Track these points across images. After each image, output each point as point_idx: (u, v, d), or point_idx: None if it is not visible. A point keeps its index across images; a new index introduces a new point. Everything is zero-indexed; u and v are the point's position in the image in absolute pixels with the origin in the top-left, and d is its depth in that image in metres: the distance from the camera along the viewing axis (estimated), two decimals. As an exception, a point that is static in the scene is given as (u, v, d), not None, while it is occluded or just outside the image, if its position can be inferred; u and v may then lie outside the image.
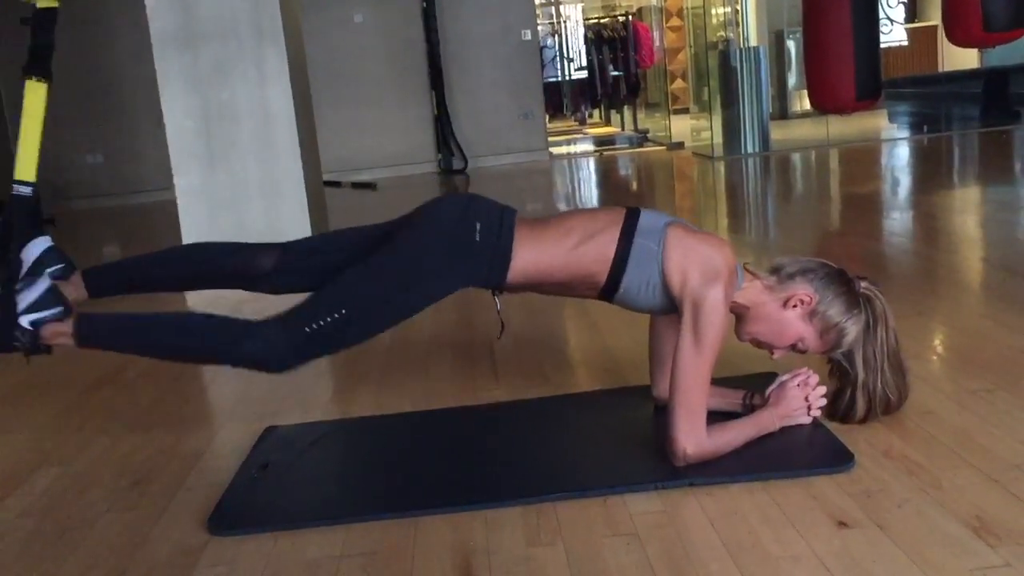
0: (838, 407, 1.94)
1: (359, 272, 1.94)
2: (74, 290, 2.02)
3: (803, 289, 1.88)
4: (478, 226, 1.91)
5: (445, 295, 1.97)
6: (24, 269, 1.93)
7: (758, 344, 1.96)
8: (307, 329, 1.89)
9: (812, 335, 1.90)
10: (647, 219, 1.90)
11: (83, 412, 2.55)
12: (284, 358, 1.92)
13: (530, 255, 1.91)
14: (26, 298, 1.87)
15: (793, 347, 1.93)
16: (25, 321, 1.86)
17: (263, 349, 1.90)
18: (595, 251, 1.88)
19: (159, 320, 2.02)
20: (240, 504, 1.85)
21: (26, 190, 1.85)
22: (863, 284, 1.91)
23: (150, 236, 6.95)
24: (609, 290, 1.91)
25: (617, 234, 1.88)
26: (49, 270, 1.94)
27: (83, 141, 8.94)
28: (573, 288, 1.95)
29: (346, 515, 1.77)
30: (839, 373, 1.94)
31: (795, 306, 1.88)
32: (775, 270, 1.94)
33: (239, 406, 2.54)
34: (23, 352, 1.91)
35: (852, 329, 1.87)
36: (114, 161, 9.08)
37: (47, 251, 1.95)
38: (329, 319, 1.89)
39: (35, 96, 1.84)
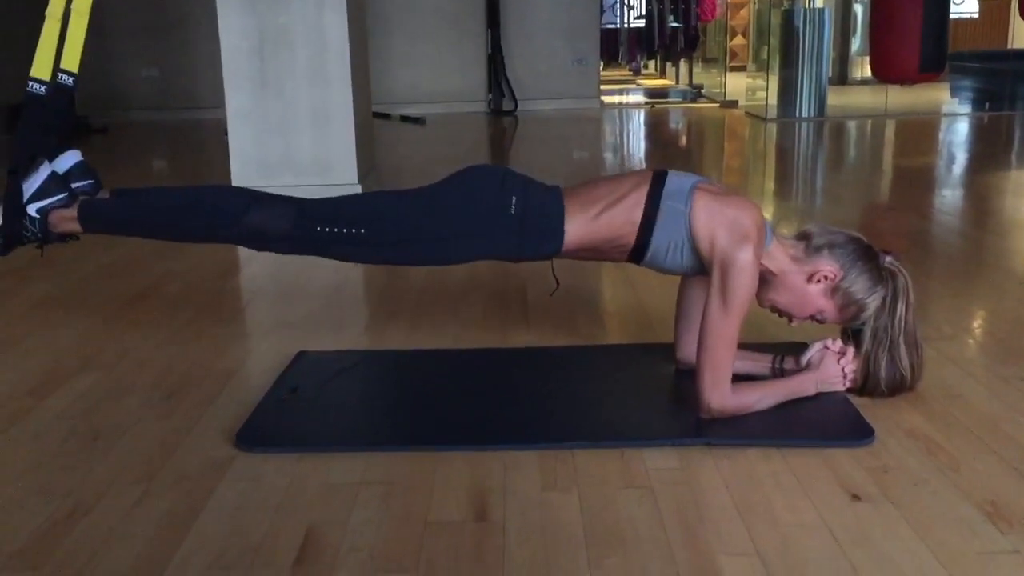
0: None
1: (393, 203, 1.96)
2: None
3: (828, 265, 1.89)
4: (514, 199, 1.90)
5: (466, 259, 1.97)
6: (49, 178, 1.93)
7: (777, 311, 1.97)
8: (319, 229, 1.89)
9: (832, 309, 1.92)
10: (674, 181, 1.90)
11: (124, 321, 2.62)
12: (282, 241, 1.92)
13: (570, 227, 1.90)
14: (30, 187, 1.90)
15: (812, 318, 1.95)
16: (32, 209, 1.90)
17: (268, 222, 1.90)
18: (622, 216, 1.88)
19: (162, 202, 2.01)
20: (268, 423, 1.90)
21: (39, 88, 1.89)
22: (888, 259, 1.92)
23: (198, 154, 7.03)
24: (638, 253, 1.91)
25: (644, 197, 1.88)
26: (76, 185, 1.96)
27: (139, 53, 9.00)
28: (604, 252, 1.95)
29: (369, 443, 1.82)
30: (854, 344, 1.96)
31: (819, 281, 1.90)
32: (803, 237, 1.94)
33: (274, 329, 2.59)
34: (35, 242, 1.95)
35: (872, 305, 1.89)
36: (168, 76, 9.14)
37: (76, 165, 1.96)
38: (344, 231, 1.89)
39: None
